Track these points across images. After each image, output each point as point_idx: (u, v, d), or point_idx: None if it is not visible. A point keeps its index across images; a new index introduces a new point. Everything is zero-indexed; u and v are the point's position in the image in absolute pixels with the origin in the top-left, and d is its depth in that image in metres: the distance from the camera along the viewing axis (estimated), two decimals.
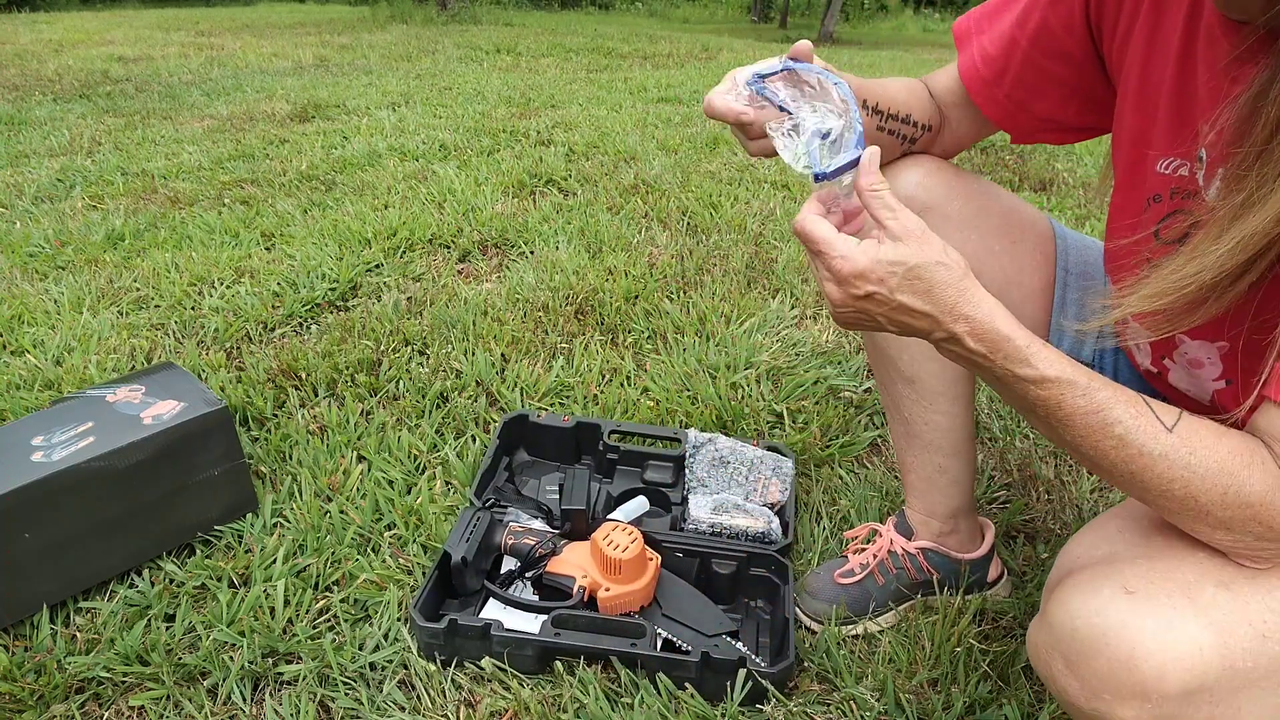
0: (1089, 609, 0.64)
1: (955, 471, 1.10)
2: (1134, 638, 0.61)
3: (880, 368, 1.09)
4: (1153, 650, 0.60)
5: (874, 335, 1.06)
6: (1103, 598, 0.64)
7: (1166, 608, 0.62)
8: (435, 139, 3.52)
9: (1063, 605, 0.66)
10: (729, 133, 3.73)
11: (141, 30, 7.72)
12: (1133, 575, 0.64)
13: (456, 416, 1.55)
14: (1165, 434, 0.63)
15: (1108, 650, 0.62)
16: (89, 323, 1.86)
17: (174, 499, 1.19)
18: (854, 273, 0.67)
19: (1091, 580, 0.66)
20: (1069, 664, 0.65)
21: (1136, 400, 0.64)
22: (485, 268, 2.26)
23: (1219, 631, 0.61)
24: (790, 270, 2.22)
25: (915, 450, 1.10)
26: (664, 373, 1.71)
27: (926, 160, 0.98)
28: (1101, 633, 0.62)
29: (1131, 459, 0.63)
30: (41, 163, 3.15)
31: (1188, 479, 0.62)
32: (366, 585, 1.16)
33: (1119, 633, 0.61)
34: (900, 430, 1.11)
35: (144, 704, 1.00)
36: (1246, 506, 0.62)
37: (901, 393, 1.07)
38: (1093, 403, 0.64)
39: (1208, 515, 0.63)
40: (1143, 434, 0.63)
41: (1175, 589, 0.63)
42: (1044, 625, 0.68)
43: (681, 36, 8.76)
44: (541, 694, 1.01)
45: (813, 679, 1.05)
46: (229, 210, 2.63)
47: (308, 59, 5.92)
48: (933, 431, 1.08)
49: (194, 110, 4.15)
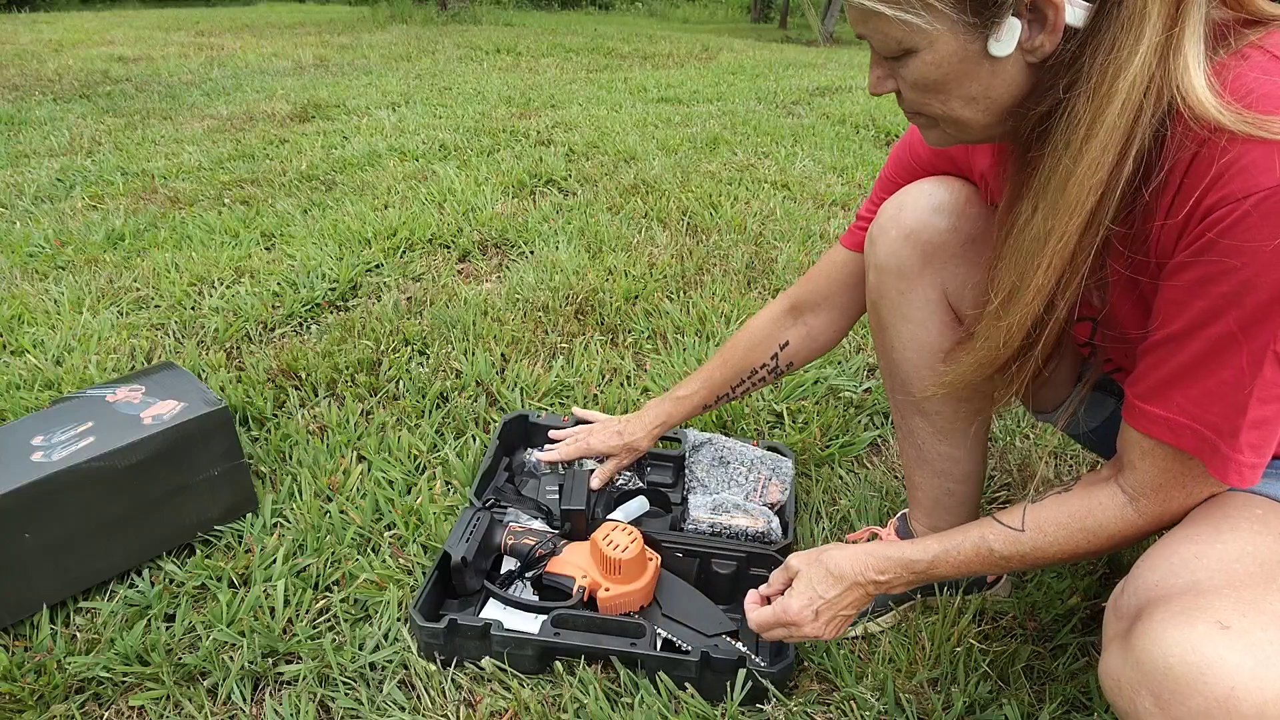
0: (1185, 646, 0.61)
1: (963, 494, 1.10)
2: (1232, 676, 0.58)
3: (896, 396, 1.08)
4: (1252, 689, 0.58)
5: (891, 364, 1.05)
6: (1198, 633, 0.61)
7: (1264, 643, 0.59)
8: (435, 139, 3.52)
9: (1155, 641, 0.62)
10: (729, 133, 3.73)
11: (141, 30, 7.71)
12: (1224, 608, 0.62)
13: (456, 416, 1.55)
14: (1021, 535, 0.81)
15: (1206, 690, 0.59)
16: (89, 323, 1.86)
17: (174, 499, 1.19)
18: (802, 612, 0.91)
19: (1184, 614, 0.63)
20: (1159, 702, 0.61)
21: (990, 524, 0.84)
22: (485, 268, 2.26)
23: None
24: (790, 270, 2.22)
25: (925, 474, 1.10)
26: (664, 373, 1.71)
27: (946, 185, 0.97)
28: (1198, 671, 0.59)
29: (1019, 559, 0.82)
30: (41, 163, 3.15)
31: (1058, 549, 0.80)
32: (366, 585, 1.16)
33: (1217, 671, 0.59)
34: (912, 454, 1.11)
35: (144, 704, 1.00)
36: (1111, 536, 0.78)
37: (916, 424, 1.07)
38: (966, 551, 0.85)
39: (1095, 552, 0.80)
40: (1010, 546, 0.82)
41: (1269, 622, 0.61)
42: (1130, 660, 0.64)
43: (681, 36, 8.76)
44: (541, 694, 1.01)
45: (813, 679, 1.05)
46: (229, 210, 2.63)
47: (308, 59, 5.92)
48: (944, 460, 1.07)
49: (194, 110, 4.15)
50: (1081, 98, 0.65)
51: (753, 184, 2.97)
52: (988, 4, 0.64)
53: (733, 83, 5.26)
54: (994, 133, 0.74)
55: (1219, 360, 0.65)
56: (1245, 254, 0.61)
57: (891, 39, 0.69)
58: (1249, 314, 0.62)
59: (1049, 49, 0.66)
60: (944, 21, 0.66)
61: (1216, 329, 0.64)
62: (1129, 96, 0.62)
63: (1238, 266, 0.61)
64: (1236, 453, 0.67)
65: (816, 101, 4.62)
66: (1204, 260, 0.63)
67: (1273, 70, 0.61)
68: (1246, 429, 0.66)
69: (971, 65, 0.68)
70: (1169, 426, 0.71)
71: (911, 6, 0.66)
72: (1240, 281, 0.62)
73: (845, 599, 0.91)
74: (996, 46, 0.66)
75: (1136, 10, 0.61)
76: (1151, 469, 0.74)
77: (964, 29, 0.66)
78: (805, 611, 0.91)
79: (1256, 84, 0.61)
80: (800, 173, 3.13)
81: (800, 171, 3.15)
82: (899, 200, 0.98)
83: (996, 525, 0.83)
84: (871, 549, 0.91)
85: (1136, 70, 0.62)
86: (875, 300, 1.03)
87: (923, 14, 0.66)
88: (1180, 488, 0.74)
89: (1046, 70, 0.67)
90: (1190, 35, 0.62)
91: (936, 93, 0.72)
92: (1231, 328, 0.64)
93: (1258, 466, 0.68)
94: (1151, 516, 0.76)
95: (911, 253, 0.97)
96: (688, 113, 4.25)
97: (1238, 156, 0.60)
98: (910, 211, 0.96)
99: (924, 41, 0.68)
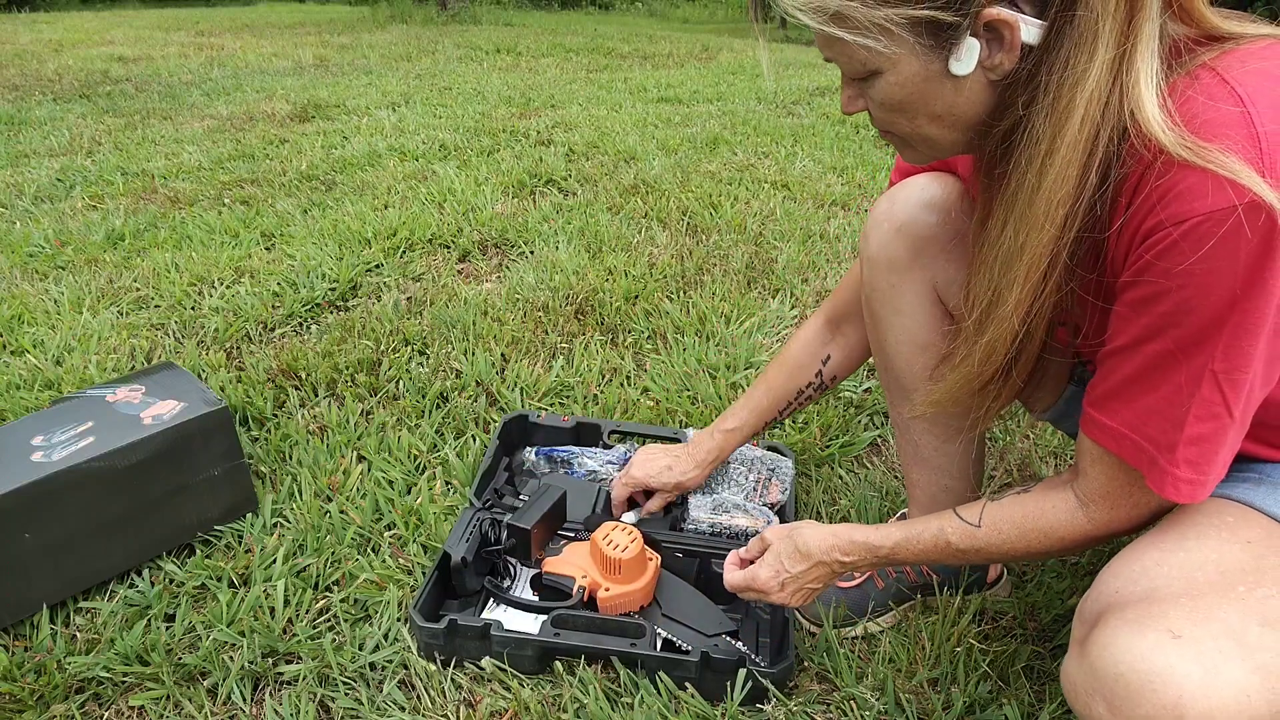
0: (1134, 653, 0.62)
1: (960, 491, 1.10)
2: (1180, 685, 0.59)
3: (892, 391, 1.08)
4: (1199, 698, 0.59)
5: (885, 358, 1.06)
6: (1149, 642, 0.62)
7: (1213, 653, 0.60)
8: (435, 139, 3.52)
9: (1106, 648, 0.64)
10: (729, 133, 3.73)
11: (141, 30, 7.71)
12: (1177, 617, 0.63)
13: (456, 416, 1.55)
14: (977, 531, 0.84)
15: (1154, 698, 0.60)
16: (89, 323, 1.86)
17: (174, 499, 1.19)
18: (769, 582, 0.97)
19: (1136, 621, 0.64)
20: (1111, 708, 0.63)
21: (950, 517, 0.86)
22: (485, 268, 2.26)
23: (1265, 675, 0.60)
24: (790, 270, 2.22)
25: (922, 471, 1.10)
26: (664, 373, 1.71)
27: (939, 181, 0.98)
28: (1148, 679, 0.61)
29: (975, 553, 0.85)
30: (41, 163, 3.15)
31: (1010, 547, 0.82)
32: (366, 585, 1.16)
33: (1165, 679, 0.60)
34: (909, 451, 1.11)
35: (144, 704, 1.00)
36: (1061, 539, 0.80)
37: (913, 422, 1.08)
38: (925, 541, 0.87)
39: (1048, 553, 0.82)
40: (965, 540, 0.85)
41: (1220, 631, 0.62)
42: (1085, 666, 0.66)
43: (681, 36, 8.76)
44: (541, 694, 1.01)
45: (813, 679, 1.05)
46: (229, 210, 2.63)
47: (308, 59, 5.92)
48: (941, 457, 1.08)
49: (194, 110, 4.15)
50: (1040, 114, 0.66)
51: (753, 184, 2.97)
52: (944, 27, 0.66)
53: (733, 83, 5.26)
54: (963, 148, 0.76)
55: (1159, 376, 0.67)
56: (1180, 277, 0.62)
57: (856, 61, 0.71)
58: (1186, 335, 0.64)
59: (1009, 67, 0.67)
60: (903, 45, 0.68)
61: (1157, 347, 0.66)
62: (1087, 112, 0.63)
63: (1173, 289, 0.63)
64: (1173, 467, 0.68)
65: (816, 101, 4.62)
66: (1144, 280, 0.65)
67: (1217, 95, 0.61)
68: (1184, 445, 0.67)
69: (935, 84, 0.69)
70: (1113, 435, 0.72)
71: (870, 32, 0.67)
72: (1177, 303, 0.63)
73: (810, 574, 0.96)
74: (957, 66, 0.67)
75: (1089, 26, 0.62)
76: (1100, 476, 0.76)
77: (924, 50, 0.68)
78: (772, 582, 0.97)
79: (1201, 109, 0.61)
80: (800, 173, 3.13)
81: (800, 171, 3.15)
82: (892, 195, 1.00)
83: (955, 519, 0.86)
84: (839, 531, 0.95)
85: (1092, 86, 0.62)
86: (868, 294, 1.05)
87: (880, 39, 0.67)
88: (1126, 497, 0.76)
89: (1008, 87, 0.68)
90: (1143, 52, 0.62)
91: (903, 112, 0.73)
92: (1170, 346, 0.65)
93: (1196, 483, 0.68)
94: (1100, 523, 0.78)
95: (902, 246, 0.98)
96: (688, 113, 4.25)
97: (1175, 182, 0.60)
98: (902, 205, 0.98)
99: (887, 63, 0.69)
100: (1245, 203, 0.57)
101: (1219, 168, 0.58)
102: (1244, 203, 0.57)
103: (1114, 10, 0.61)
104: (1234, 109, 0.60)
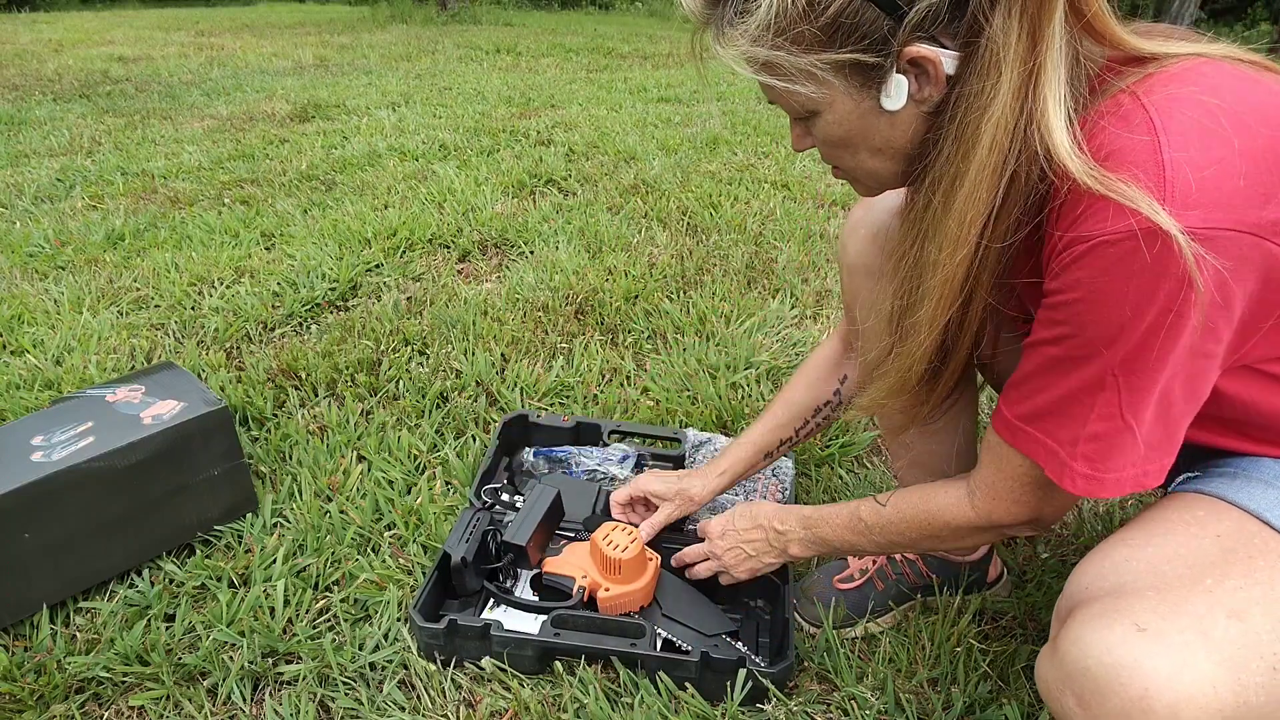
0: (1101, 647, 0.63)
1: None
2: (1147, 678, 0.60)
3: None
4: (1165, 690, 0.59)
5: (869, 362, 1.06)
6: (1115, 635, 0.63)
7: (1179, 645, 0.61)
8: (435, 139, 3.52)
9: (1074, 642, 0.65)
10: (728, 132, 3.73)
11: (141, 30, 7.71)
12: (1143, 610, 0.64)
13: (456, 416, 1.55)
14: (882, 510, 0.91)
15: (1121, 690, 0.61)
16: (89, 323, 1.86)
17: (174, 499, 1.19)
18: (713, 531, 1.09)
19: (1103, 615, 0.65)
20: (1081, 702, 0.64)
21: (870, 498, 0.93)
22: (485, 268, 2.26)
23: (1232, 667, 0.60)
24: (790, 270, 2.22)
25: (916, 473, 1.10)
26: (664, 373, 1.71)
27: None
28: (1114, 673, 0.61)
29: (879, 531, 0.91)
30: (41, 163, 3.15)
31: (905, 527, 0.89)
32: (366, 585, 1.16)
33: (1131, 672, 0.61)
34: (901, 452, 1.11)
35: (144, 704, 1.00)
36: (946, 524, 0.85)
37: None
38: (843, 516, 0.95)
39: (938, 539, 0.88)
40: (873, 515, 0.92)
41: (1187, 624, 0.62)
42: (1055, 660, 0.67)
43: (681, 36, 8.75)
44: (541, 694, 1.01)
45: (813, 679, 1.05)
46: (229, 210, 2.63)
47: (308, 59, 5.92)
48: (934, 459, 1.08)
49: (194, 110, 4.15)
50: (949, 138, 0.68)
51: (753, 184, 2.97)
52: (869, 68, 0.68)
53: (733, 82, 5.26)
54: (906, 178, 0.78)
55: (1058, 376, 0.69)
56: (1082, 288, 0.64)
57: (795, 103, 0.73)
58: (1085, 341, 0.66)
59: (938, 98, 0.69)
60: (832, 86, 0.70)
61: (1058, 350, 0.69)
62: (995, 137, 0.65)
63: (1076, 300, 0.65)
64: (1073, 460, 0.70)
65: None
66: (1055, 289, 0.67)
67: (1132, 122, 0.62)
68: (1084, 440, 0.69)
69: (870, 119, 0.72)
70: (1009, 426, 0.75)
71: (798, 79, 0.70)
72: (1079, 312, 0.66)
73: (750, 535, 1.05)
74: (888, 102, 0.70)
75: (992, 56, 0.63)
76: (990, 465, 0.79)
77: (855, 89, 0.70)
78: (714, 530, 1.09)
79: (1111, 139, 0.63)
80: (800, 173, 3.13)
81: (800, 171, 3.15)
82: (868, 202, 1.01)
83: (872, 499, 0.93)
84: (784, 506, 1.04)
85: (999, 112, 0.64)
86: (849, 300, 1.06)
87: (808, 84, 0.70)
88: (1008, 489, 0.78)
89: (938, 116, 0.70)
90: (1048, 79, 0.63)
91: (845, 147, 0.76)
92: (1071, 351, 0.68)
93: (1092, 478, 0.70)
94: (983, 512, 0.81)
95: (879, 251, 0.99)
96: (688, 113, 4.25)
97: (1086, 207, 0.62)
98: (878, 213, 1.00)
99: (823, 104, 0.72)
100: (1143, 229, 0.59)
101: (1120, 196, 0.60)
102: (1142, 229, 0.59)
103: (1015, 40, 0.62)
104: (1144, 138, 0.61)
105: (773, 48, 0.68)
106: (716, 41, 0.72)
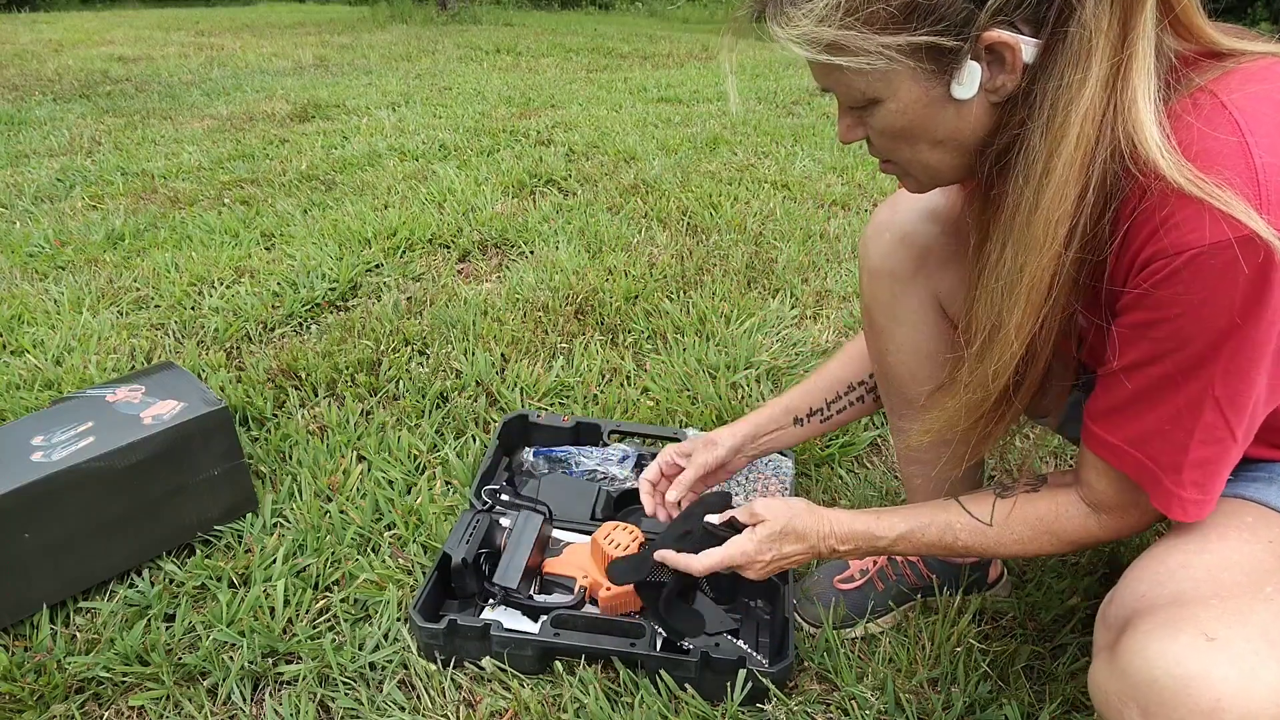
0: (1170, 658, 0.61)
1: (959, 491, 1.09)
2: (1218, 688, 0.59)
3: (891, 399, 1.08)
4: (1238, 701, 0.58)
5: (885, 366, 1.05)
6: (1182, 645, 0.61)
7: (1249, 654, 0.60)
8: (435, 139, 3.52)
9: (1139, 653, 0.63)
10: (729, 133, 3.73)
11: (141, 30, 7.71)
12: (1209, 619, 0.62)
13: (456, 416, 1.55)
14: (988, 529, 0.85)
15: (1191, 702, 0.59)
16: (89, 323, 1.86)
17: (174, 499, 1.19)
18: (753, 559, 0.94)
19: (1168, 625, 0.63)
20: (1146, 714, 0.62)
21: (956, 511, 0.87)
22: (485, 268, 2.26)
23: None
24: (790, 270, 2.22)
25: (921, 473, 1.10)
26: (664, 373, 1.71)
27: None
28: (1184, 684, 0.60)
29: (979, 549, 0.86)
30: (41, 163, 3.15)
31: (1020, 546, 0.84)
32: (366, 585, 1.16)
33: (1202, 684, 0.59)
34: (906, 453, 1.10)
35: (144, 704, 1.00)
36: (1073, 541, 0.82)
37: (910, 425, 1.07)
38: (931, 535, 0.88)
39: (1055, 553, 0.85)
40: (975, 537, 0.85)
41: (1255, 633, 0.61)
42: (1116, 671, 0.65)
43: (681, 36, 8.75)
44: (541, 694, 1.01)
45: (813, 678, 1.05)
46: (229, 210, 2.63)
47: (308, 59, 5.91)
48: (939, 459, 1.07)
49: (194, 110, 4.15)
50: (1036, 132, 0.65)
51: (753, 184, 2.97)
52: (944, 51, 0.65)
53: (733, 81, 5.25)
54: (964, 173, 0.75)
55: (1159, 398, 0.68)
56: (1178, 306, 0.62)
57: (855, 90, 0.70)
58: (1185, 361, 0.64)
59: (1011, 87, 0.66)
60: (903, 71, 0.66)
61: (1157, 370, 0.67)
62: (1083, 129, 0.62)
63: (1172, 317, 0.63)
64: (1179, 488, 0.69)
65: (816, 101, 4.62)
66: (1144, 306, 0.65)
67: (1217, 122, 0.61)
68: (1189, 467, 0.68)
69: (936, 109, 0.68)
70: (1114, 451, 0.73)
71: (864, 61, 0.66)
72: (1175, 330, 0.64)
73: (799, 557, 0.94)
74: (960, 90, 0.66)
75: (1083, 43, 0.61)
76: (1108, 488, 0.78)
77: (925, 75, 0.67)
78: (758, 559, 0.93)
79: (1199, 136, 0.61)
80: (800, 173, 3.13)
81: (800, 171, 3.15)
82: (893, 203, 0.98)
83: (964, 515, 0.86)
84: (837, 518, 0.92)
85: (1087, 103, 0.62)
86: (869, 304, 1.03)
87: (875, 68, 0.66)
88: (1135, 506, 0.77)
89: (1008, 107, 0.68)
90: (1138, 68, 0.61)
91: (904, 138, 0.72)
92: (1170, 371, 0.66)
93: (1202, 503, 0.69)
94: (1112, 529, 0.80)
95: (905, 256, 0.97)
96: (688, 113, 4.25)
97: (1172, 212, 0.60)
98: (904, 215, 0.97)
99: (887, 91, 0.68)
100: (1240, 237, 0.57)
101: (1215, 201, 0.58)
102: (1239, 237, 0.57)
103: (1106, 27, 0.60)
104: (1232, 139, 0.59)
105: (842, 28, 0.65)
106: (774, 22, 0.67)
